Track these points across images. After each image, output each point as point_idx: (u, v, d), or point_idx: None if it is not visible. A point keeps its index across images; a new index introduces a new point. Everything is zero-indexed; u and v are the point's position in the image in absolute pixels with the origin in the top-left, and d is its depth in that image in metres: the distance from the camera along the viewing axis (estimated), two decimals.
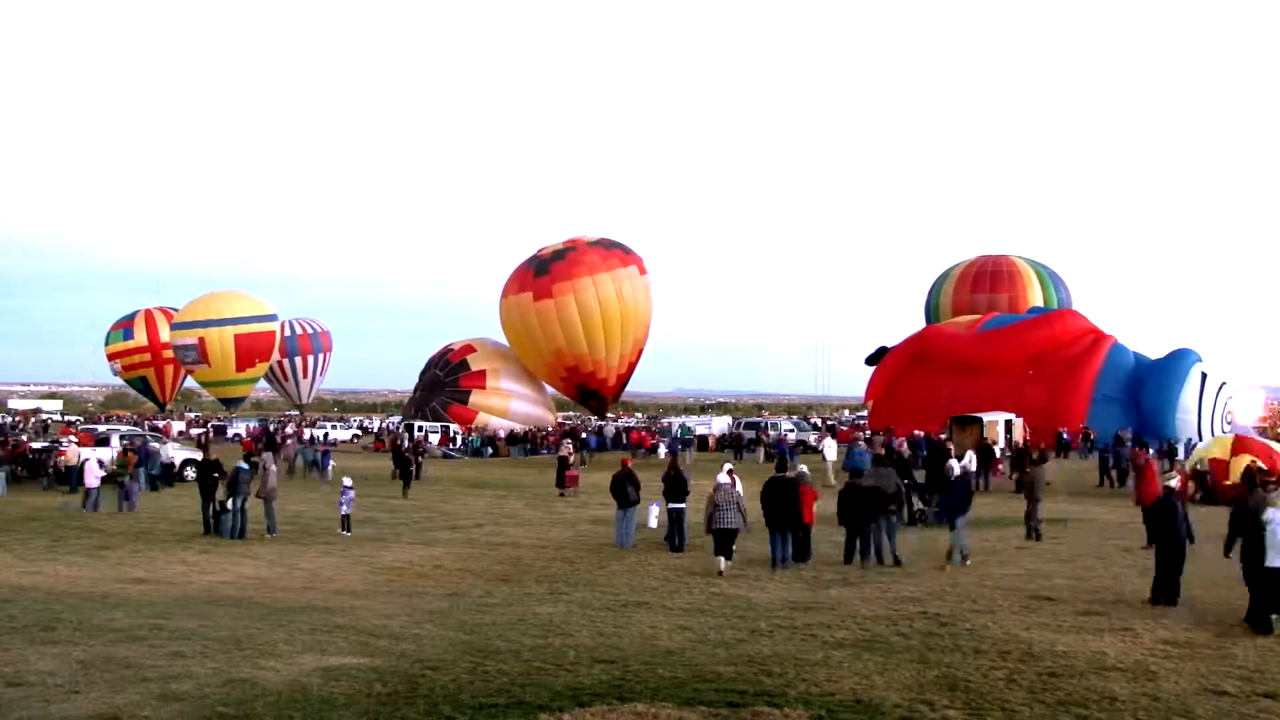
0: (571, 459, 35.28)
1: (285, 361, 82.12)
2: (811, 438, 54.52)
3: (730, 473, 17.48)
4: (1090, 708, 8.37)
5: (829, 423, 75.72)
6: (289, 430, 59.90)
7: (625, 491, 19.64)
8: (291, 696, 8.46)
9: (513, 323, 65.25)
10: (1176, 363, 46.59)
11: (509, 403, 64.80)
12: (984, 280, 62.94)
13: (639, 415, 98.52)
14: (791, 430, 56.64)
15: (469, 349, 66.47)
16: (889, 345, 55.61)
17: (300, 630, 11.37)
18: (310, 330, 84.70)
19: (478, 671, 9.43)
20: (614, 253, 65.95)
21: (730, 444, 54.11)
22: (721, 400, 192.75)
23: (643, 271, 67.05)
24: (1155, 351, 49.18)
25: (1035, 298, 60.82)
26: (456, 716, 8.03)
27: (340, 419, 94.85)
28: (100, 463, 27.97)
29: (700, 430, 61.50)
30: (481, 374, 65.03)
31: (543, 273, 63.86)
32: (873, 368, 55.21)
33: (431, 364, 67.45)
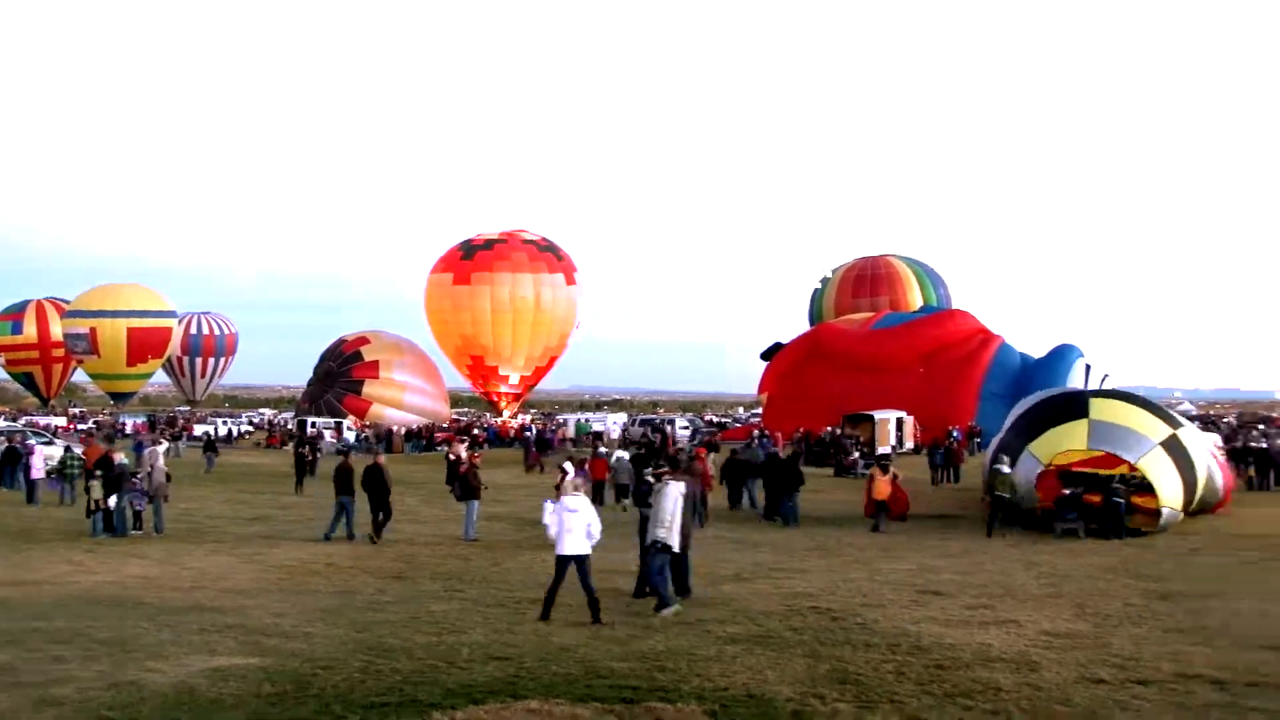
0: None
1: (185, 359, 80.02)
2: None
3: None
4: (975, 698, 8.55)
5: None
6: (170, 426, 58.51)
7: (469, 485, 20.45)
8: (178, 699, 8.26)
9: (432, 300, 65.09)
10: (1060, 359, 47.92)
11: (403, 394, 63.86)
12: (864, 283, 64.15)
13: (534, 412, 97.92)
14: (686, 428, 57.01)
15: (363, 340, 65.50)
16: (784, 342, 56.22)
17: (188, 630, 11.10)
18: (217, 330, 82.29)
19: (370, 670, 9.30)
20: (545, 256, 65.49)
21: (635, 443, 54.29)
22: (618, 398, 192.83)
23: (571, 281, 66.50)
24: (1036, 350, 50.54)
25: (915, 298, 62.05)
26: (348, 716, 7.92)
27: (231, 415, 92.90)
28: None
29: (597, 427, 61.49)
30: (374, 364, 64.00)
31: (468, 257, 63.65)
32: (767, 362, 55.79)
33: (325, 357, 66.26)
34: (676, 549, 12.86)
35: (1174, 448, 21.65)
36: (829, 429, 42.48)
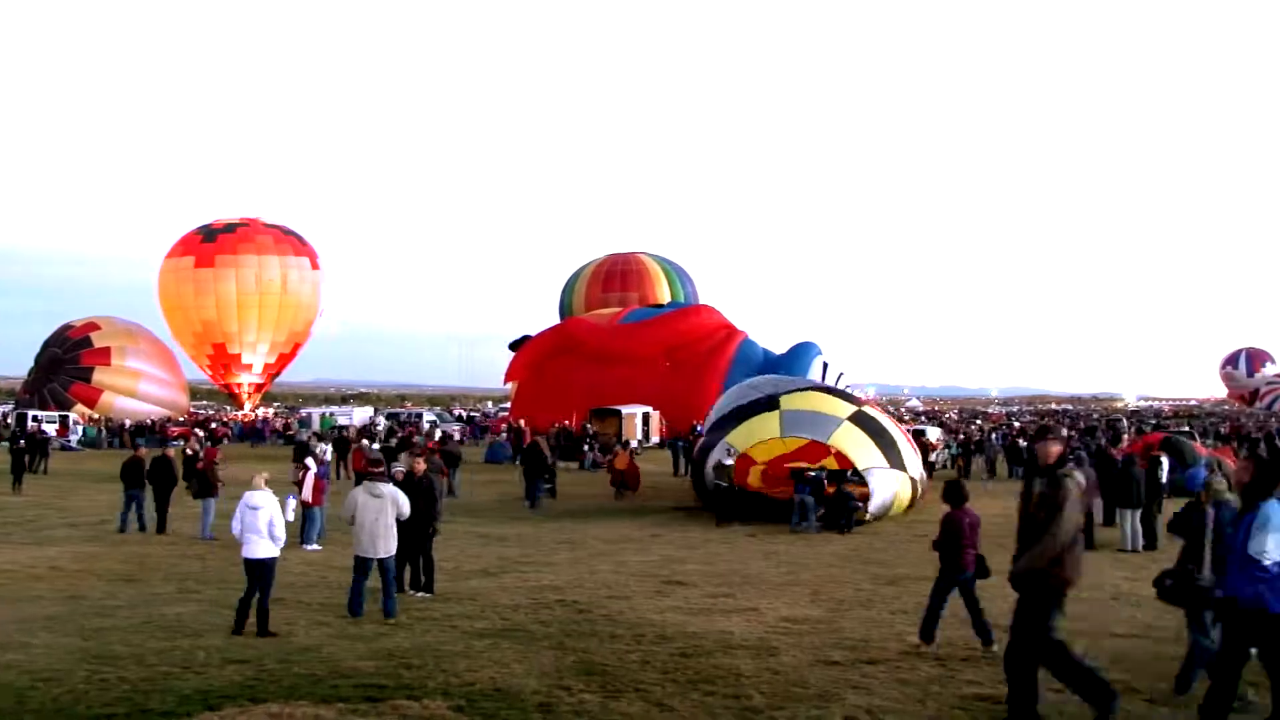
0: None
1: None
2: (455, 429, 54.50)
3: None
4: (718, 684, 8.79)
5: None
6: None
7: (206, 482, 20.04)
8: None
9: (169, 287, 61.76)
10: (800, 356, 49.89)
11: (137, 383, 60.26)
12: (614, 279, 65.19)
13: (277, 405, 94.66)
14: (434, 422, 56.30)
15: (92, 326, 61.47)
16: (532, 335, 56.43)
17: None
18: None
19: (95, 680, 8.76)
20: (289, 239, 63.55)
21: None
22: (364, 390, 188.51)
23: (316, 266, 64.69)
24: (778, 347, 52.45)
25: (664, 294, 63.43)
26: None
27: None
28: None
29: (342, 421, 59.75)
30: (106, 351, 60.02)
31: (210, 240, 61.11)
32: (514, 352, 55.86)
33: (49, 343, 61.61)
34: (369, 555, 11.86)
35: (861, 419, 23.36)
36: (565, 424, 42.87)
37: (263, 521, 11.06)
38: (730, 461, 21.86)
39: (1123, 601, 12.89)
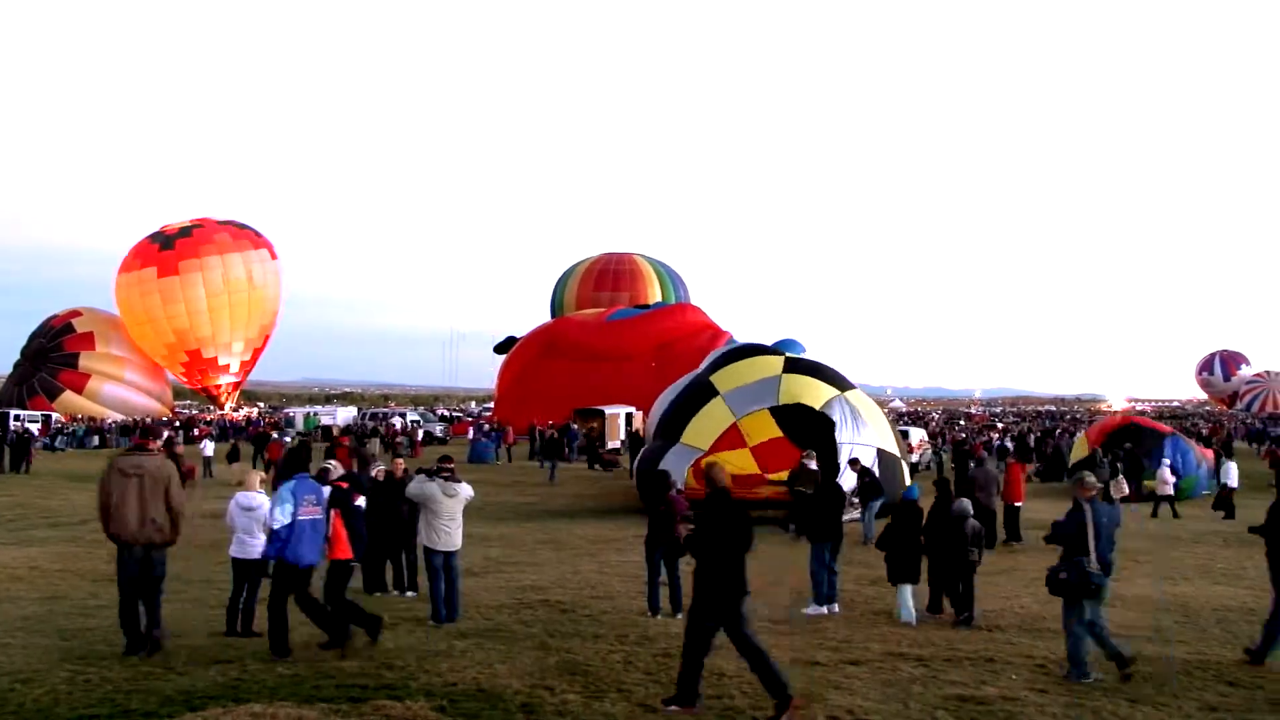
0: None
1: None
2: (438, 429, 54.50)
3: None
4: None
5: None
6: None
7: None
8: None
9: (131, 301, 60.69)
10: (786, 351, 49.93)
11: (124, 370, 60.08)
12: (606, 278, 65.20)
13: (261, 405, 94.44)
14: (418, 421, 56.28)
15: (74, 314, 61.28)
16: (519, 335, 56.38)
17: None
18: None
19: (77, 681, 8.70)
20: (245, 233, 63.19)
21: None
22: (349, 390, 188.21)
23: (274, 256, 64.49)
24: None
25: (655, 295, 63.50)
26: None
27: None
28: None
29: (325, 420, 59.66)
30: (89, 336, 59.76)
31: (168, 247, 60.10)
32: (502, 356, 55.81)
33: (34, 335, 61.50)
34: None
35: (797, 364, 24.16)
36: (543, 427, 42.66)
37: (257, 522, 10.88)
38: (684, 469, 20.50)
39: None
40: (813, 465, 19.74)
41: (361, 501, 12.09)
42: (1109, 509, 9.80)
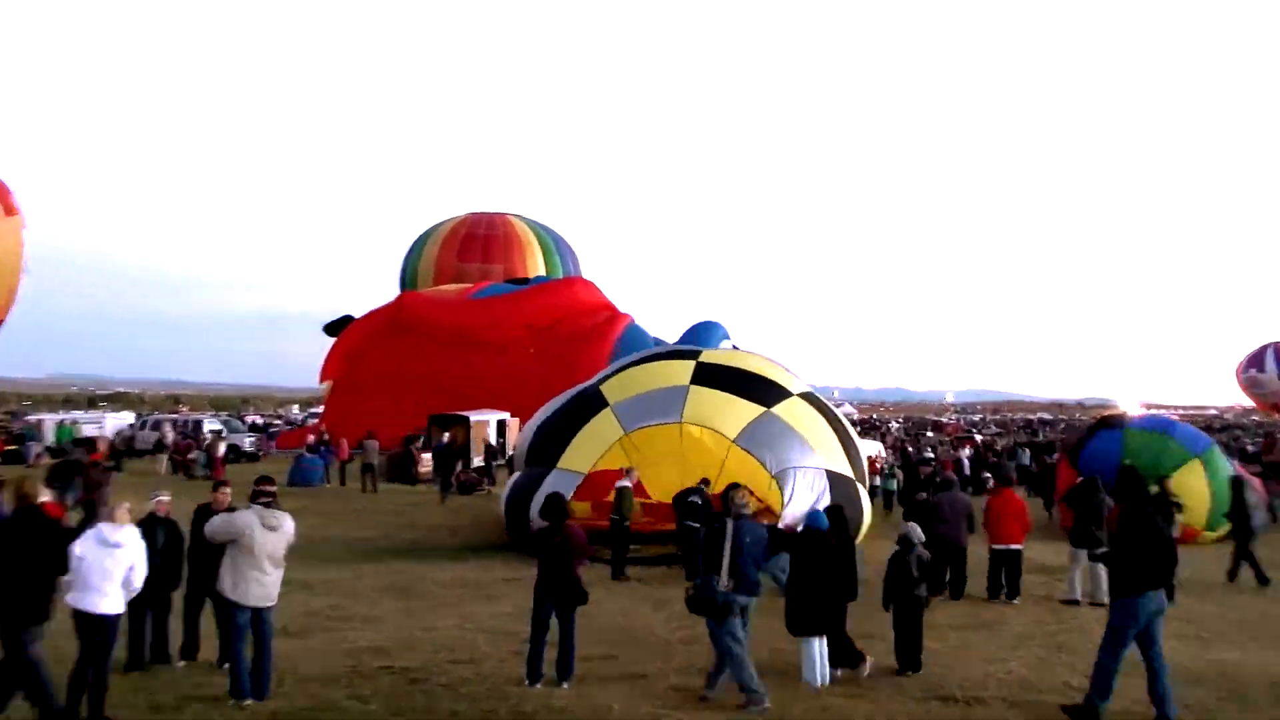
0: None
1: None
2: (247, 442, 53.48)
3: None
4: None
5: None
6: None
7: None
8: None
9: None
10: (701, 339, 50.05)
11: None
12: (474, 245, 64.52)
13: None
14: (218, 432, 55.21)
15: None
16: (355, 316, 55.87)
17: None
18: None
19: None
20: None
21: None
22: (122, 390, 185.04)
23: (11, 211, 62.91)
24: (672, 334, 52.75)
25: (536, 268, 63.26)
26: None
27: None
28: None
29: (90, 431, 57.31)
30: None
31: None
32: (333, 339, 55.21)
33: None
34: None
35: (706, 372, 24.15)
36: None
37: (121, 566, 10.48)
38: (569, 494, 20.55)
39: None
40: (694, 498, 20.06)
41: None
42: (753, 527, 11.85)
